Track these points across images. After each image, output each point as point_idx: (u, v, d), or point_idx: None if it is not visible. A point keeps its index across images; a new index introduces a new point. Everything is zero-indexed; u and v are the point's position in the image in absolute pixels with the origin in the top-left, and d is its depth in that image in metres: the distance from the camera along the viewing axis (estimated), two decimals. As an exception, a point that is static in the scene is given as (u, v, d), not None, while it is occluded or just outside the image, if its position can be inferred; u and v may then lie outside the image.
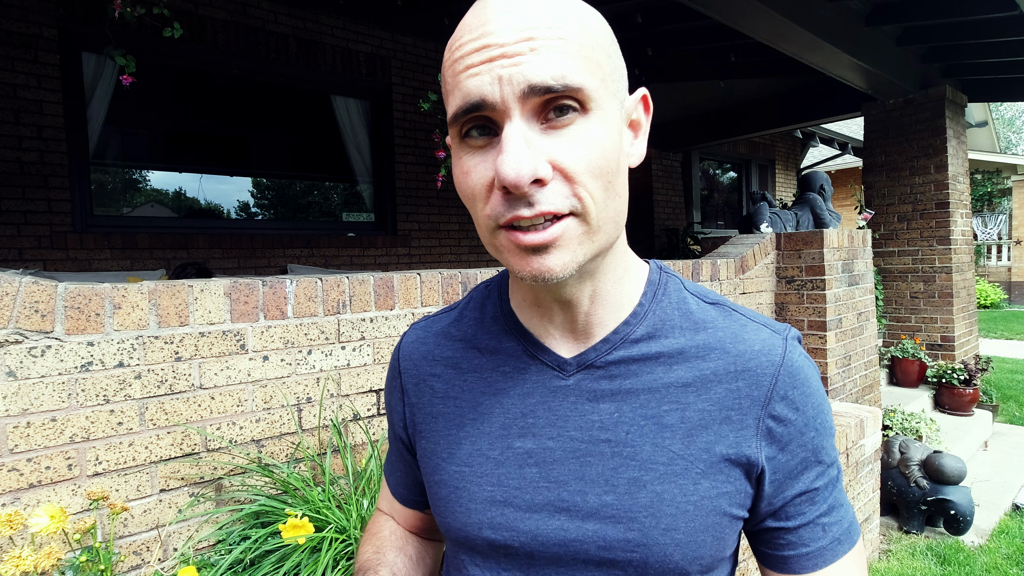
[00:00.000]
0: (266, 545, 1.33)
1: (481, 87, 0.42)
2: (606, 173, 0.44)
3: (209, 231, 3.65)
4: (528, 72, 0.41)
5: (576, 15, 0.44)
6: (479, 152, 0.45)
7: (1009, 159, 11.58)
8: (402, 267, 4.39)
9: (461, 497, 0.54)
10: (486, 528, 0.53)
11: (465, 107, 0.43)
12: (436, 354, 0.60)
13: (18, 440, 1.20)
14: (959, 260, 4.85)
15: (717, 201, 7.94)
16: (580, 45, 0.43)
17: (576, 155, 0.43)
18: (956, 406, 4.37)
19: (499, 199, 0.44)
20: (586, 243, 0.45)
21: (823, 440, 0.53)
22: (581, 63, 0.43)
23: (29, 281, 1.21)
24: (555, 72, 0.41)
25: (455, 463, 0.55)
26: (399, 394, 0.63)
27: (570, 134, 0.43)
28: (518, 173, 0.40)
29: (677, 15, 4.04)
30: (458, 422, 0.56)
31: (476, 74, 0.42)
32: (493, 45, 0.42)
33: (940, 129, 4.71)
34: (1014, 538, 2.83)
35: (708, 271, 2.87)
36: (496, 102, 0.42)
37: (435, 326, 0.63)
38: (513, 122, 0.42)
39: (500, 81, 0.41)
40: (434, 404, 0.59)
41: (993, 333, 8.58)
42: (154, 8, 2.24)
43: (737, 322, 0.53)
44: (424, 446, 0.59)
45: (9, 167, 2.97)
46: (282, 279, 1.57)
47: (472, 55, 0.43)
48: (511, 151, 0.41)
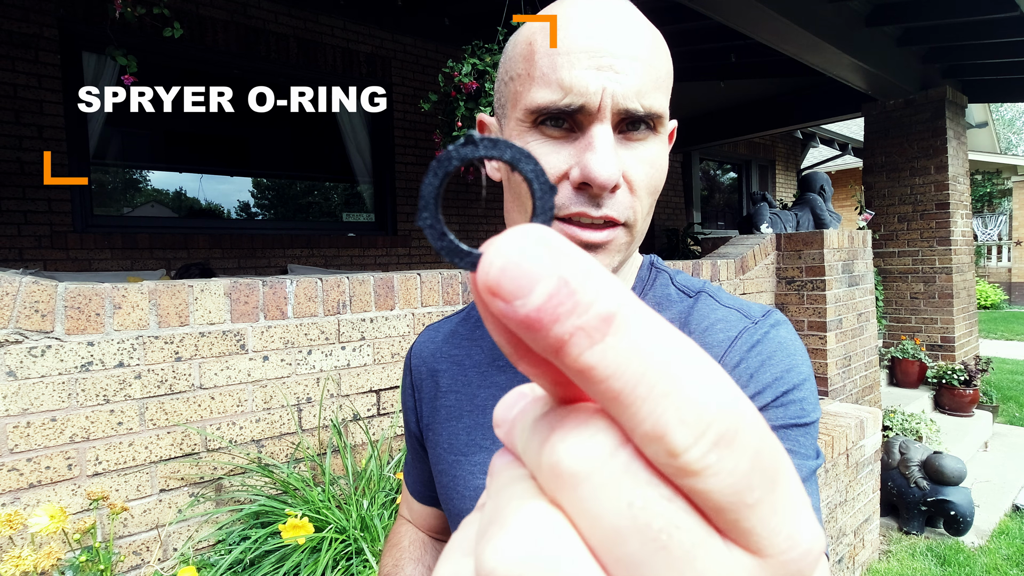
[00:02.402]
0: (266, 545, 1.33)
1: (586, 93, 0.44)
2: (657, 190, 0.49)
3: (209, 231, 3.65)
4: (629, 93, 0.44)
5: (663, 45, 0.49)
6: (553, 142, 0.46)
7: (1009, 160, 11.58)
8: (402, 267, 4.39)
9: (458, 485, 0.56)
10: None
11: (562, 106, 0.44)
12: (443, 352, 0.63)
13: (18, 440, 1.20)
14: (959, 261, 4.85)
15: (717, 202, 7.94)
16: (666, 74, 0.48)
17: (643, 172, 0.47)
18: (956, 407, 4.37)
19: (568, 191, 0.46)
20: (624, 250, 0.49)
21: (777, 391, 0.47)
22: (664, 92, 0.47)
23: (29, 281, 1.21)
24: (647, 100, 0.45)
25: (453, 452, 0.58)
26: (410, 390, 0.66)
27: (641, 150, 0.47)
28: (609, 175, 0.43)
29: (677, 15, 4.04)
30: (457, 414, 0.59)
31: (582, 78, 0.44)
32: (604, 56, 0.44)
33: (940, 130, 4.71)
34: (1014, 539, 2.83)
35: (708, 271, 2.87)
36: (593, 110, 0.44)
37: (445, 326, 0.66)
38: (604, 125, 0.44)
39: (603, 93, 0.43)
40: (438, 398, 0.61)
41: (993, 334, 8.58)
42: (154, 8, 2.24)
43: (708, 306, 0.54)
44: (431, 439, 0.62)
45: (9, 167, 2.97)
46: (282, 279, 1.57)
47: (581, 56, 0.44)
48: (605, 154, 0.43)
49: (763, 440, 0.11)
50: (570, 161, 0.45)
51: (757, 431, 0.11)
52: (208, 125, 3.84)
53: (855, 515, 2.55)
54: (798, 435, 0.46)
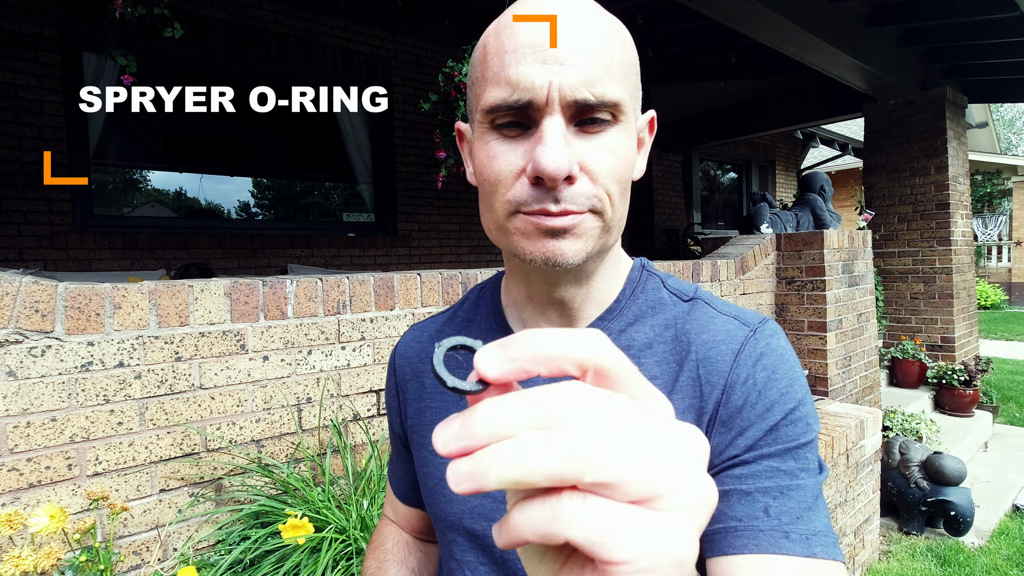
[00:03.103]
0: (266, 545, 1.33)
1: (532, 88, 0.44)
2: (624, 179, 0.48)
3: (209, 231, 3.65)
4: (577, 83, 0.43)
5: (621, 34, 0.48)
6: (510, 141, 0.47)
7: (1009, 160, 11.58)
8: (402, 267, 4.39)
9: (445, 488, 0.56)
10: (467, 518, 0.54)
11: (511, 103, 0.45)
12: (428, 351, 0.61)
13: (18, 440, 1.20)
14: (959, 261, 4.85)
15: (717, 202, 7.94)
16: (621, 62, 0.46)
17: (604, 161, 0.46)
18: (956, 407, 4.37)
19: (526, 188, 0.45)
20: (599, 237, 0.48)
21: (784, 409, 0.48)
22: (619, 80, 0.46)
23: (29, 281, 1.21)
24: (598, 89, 0.44)
25: (439, 455, 0.56)
26: (394, 391, 0.65)
27: (600, 141, 0.46)
28: (557, 166, 0.43)
29: (678, 16, 4.04)
30: (444, 415, 0.57)
31: (527, 73, 0.44)
32: (549, 48, 0.44)
33: (940, 130, 4.71)
34: (1014, 539, 2.83)
35: (708, 272, 2.87)
36: (542, 104, 0.44)
37: (431, 326, 0.65)
38: (554, 118, 0.44)
39: (550, 86, 0.43)
40: (423, 399, 0.61)
41: (993, 334, 8.58)
42: (155, 8, 2.24)
43: (706, 314, 0.54)
44: (416, 440, 0.61)
45: (10, 167, 2.98)
46: (282, 279, 1.57)
47: (526, 51, 0.44)
48: (553, 145, 0.43)
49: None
50: (525, 157, 0.45)
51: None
52: (208, 125, 3.84)
53: (855, 515, 2.55)
54: (806, 452, 0.48)
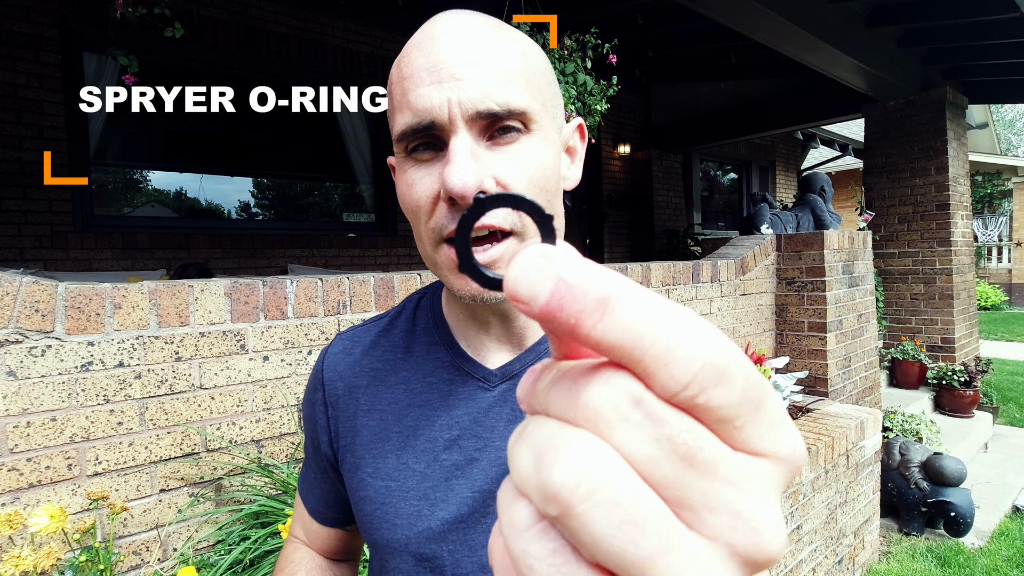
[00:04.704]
0: (266, 545, 1.33)
1: (431, 108, 0.43)
2: (545, 190, 0.47)
3: (210, 231, 3.65)
4: (476, 96, 0.43)
5: (520, 44, 0.47)
6: (424, 165, 0.46)
7: (1009, 161, 11.58)
8: (403, 268, 4.39)
9: (387, 513, 0.52)
10: (413, 543, 0.51)
11: (414, 126, 0.44)
12: (363, 364, 0.58)
13: (18, 440, 1.20)
14: (959, 262, 4.85)
15: (718, 202, 7.94)
16: (524, 71, 0.46)
17: (519, 172, 0.45)
18: (956, 408, 4.37)
19: (443, 211, 0.45)
20: None
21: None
22: (524, 88, 0.45)
23: (29, 281, 1.21)
24: (500, 98, 0.43)
25: (380, 477, 0.53)
26: (322, 407, 0.59)
27: (513, 152, 0.45)
28: (464, 182, 0.42)
29: (678, 16, 4.05)
30: (383, 435, 0.54)
31: (425, 95, 0.44)
32: (444, 67, 0.43)
33: (941, 131, 4.71)
34: (1014, 540, 2.83)
35: (708, 272, 2.87)
36: (444, 122, 0.44)
37: (363, 336, 0.60)
38: (459, 135, 0.44)
39: (449, 103, 0.43)
40: (358, 417, 0.56)
41: (993, 335, 8.57)
42: (155, 8, 2.24)
43: None
44: (349, 460, 0.56)
45: (10, 167, 2.98)
46: (282, 279, 1.57)
47: (422, 75, 0.44)
48: (458, 161, 0.42)
49: (748, 374, 0.14)
50: (439, 181, 0.45)
51: (743, 368, 0.14)
52: (208, 125, 3.84)
53: (855, 516, 2.55)
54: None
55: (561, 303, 0.14)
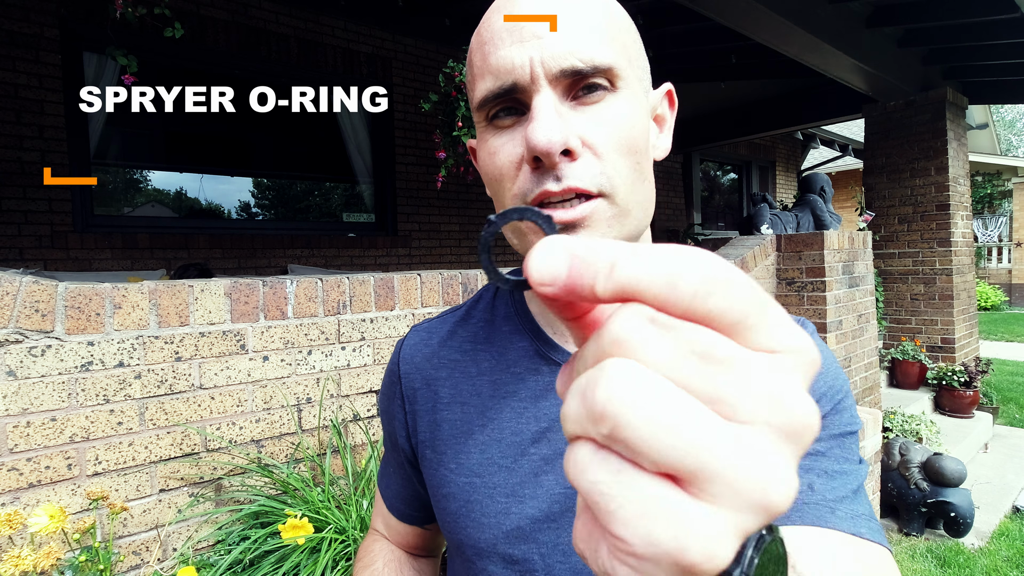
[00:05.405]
0: (265, 545, 1.33)
1: (513, 69, 0.42)
2: (635, 151, 0.44)
3: (210, 231, 3.65)
4: (560, 53, 0.41)
5: (606, 3, 0.45)
6: (507, 131, 0.44)
7: (1010, 161, 11.58)
8: (403, 268, 4.39)
9: (472, 511, 0.49)
10: (501, 543, 0.48)
11: (496, 91, 0.43)
12: (441, 356, 0.55)
13: (18, 440, 1.20)
14: (959, 262, 4.84)
15: (718, 202, 7.94)
16: (608, 26, 0.43)
17: (606, 131, 0.42)
18: (956, 408, 4.37)
19: (527, 174, 0.43)
20: (616, 226, 0.44)
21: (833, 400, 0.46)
22: (608, 43, 0.43)
23: (29, 281, 1.21)
24: (584, 54, 0.41)
25: (464, 474, 0.50)
26: (399, 401, 0.57)
27: (599, 110, 0.43)
28: (549, 139, 0.40)
29: (678, 16, 4.04)
30: (466, 429, 0.52)
31: (507, 56, 0.42)
32: (525, 26, 0.42)
33: (941, 131, 4.71)
34: (1014, 540, 2.83)
35: (708, 272, 2.87)
36: (527, 82, 0.42)
37: (439, 327, 0.58)
38: (543, 93, 0.41)
39: (532, 62, 0.41)
40: (439, 411, 0.54)
41: (993, 335, 8.57)
42: (155, 8, 2.24)
43: None
44: (429, 456, 0.54)
45: (10, 167, 2.98)
46: (282, 279, 1.57)
47: (503, 35, 0.43)
48: (542, 119, 0.40)
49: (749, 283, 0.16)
50: (523, 144, 0.43)
51: (743, 279, 0.16)
52: (209, 125, 3.84)
53: (855, 516, 2.55)
54: (851, 443, 0.46)
55: (580, 272, 0.17)
